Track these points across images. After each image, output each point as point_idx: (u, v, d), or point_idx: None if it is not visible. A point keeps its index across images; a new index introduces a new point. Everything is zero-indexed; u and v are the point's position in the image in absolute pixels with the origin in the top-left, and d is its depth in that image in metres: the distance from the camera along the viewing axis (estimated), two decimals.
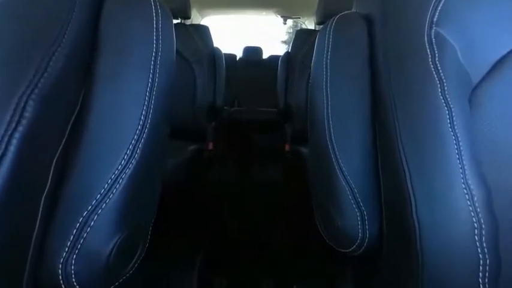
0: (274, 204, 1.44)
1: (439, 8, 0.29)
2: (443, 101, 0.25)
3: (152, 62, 0.30)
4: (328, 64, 0.36)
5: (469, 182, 0.23)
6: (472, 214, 0.23)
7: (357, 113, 0.34)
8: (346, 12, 0.39)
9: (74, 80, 0.28)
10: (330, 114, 0.35)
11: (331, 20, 0.39)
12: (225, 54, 1.38)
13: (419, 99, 0.27)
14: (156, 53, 0.30)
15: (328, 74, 0.36)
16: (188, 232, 1.07)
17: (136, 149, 0.28)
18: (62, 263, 0.26)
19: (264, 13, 2.16)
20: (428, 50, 0.28)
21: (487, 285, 0.23)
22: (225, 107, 1.89)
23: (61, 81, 0.25)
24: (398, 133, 0.28)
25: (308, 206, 0.43)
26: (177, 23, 1.24)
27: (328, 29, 0.38)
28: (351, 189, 0.34)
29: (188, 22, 1.41)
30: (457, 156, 0.24)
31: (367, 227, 0.33)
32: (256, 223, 1.25)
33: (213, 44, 1.24)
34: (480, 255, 0.23)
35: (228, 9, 2.09)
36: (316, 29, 1.59)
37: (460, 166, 0.24)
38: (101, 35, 0.29)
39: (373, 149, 0.34)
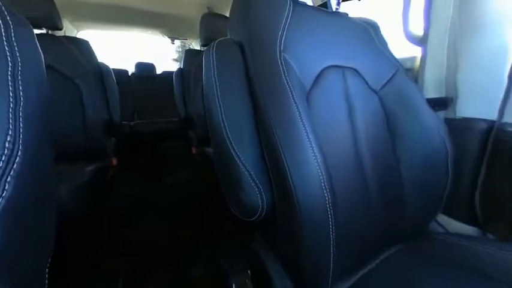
0: (189, 200, 1.52)
1: (283, 41, 0.44)
2: (293, 102, 0.39)
3: (10, 78, 0.25)
4: (217, 79, 0.43)
5: (315, 151, 0.37)
6: (319, 171, 0.36)
7: (244, 114, 0.43)
8: (222, 38, 0.47)
9: None
10: (224, 119, 0.42)
11: (212, 44, 0.46)
12: (114, 69, 1.32)
13: (281, 101, 0.39)
14: (14, 67, 0.25)
15: (218, 87, 0.43)
16: (103, 256, 0.99)
17: (3, 185, 0.22)
18: None
19: (149, 32, 2.18)
20: (281, 69, 0.41)
21: (332, 212, 0.37)
22: (124, 122, 1.82)
23: None
24: (272, 124, 0.38)
25: (219, 192, 0.49)
26: (43, 34, 1.10)
27: (211, 51, 0.45)
28: (249, 172, 0.41)
29: (59, 34, 1.30)
30: (306, 136, 0.37)
31: (264, 198, 0.41)
32: (175, 222, 1.29)
33: (97, 59, 1.18)
34: (325, 195, 0.36)
35: (105, 25, 1.97)
36: (202, 49, 1.76)
37: (309, 142, 0.37)
38: None
39: (259, 140, 0.42)
